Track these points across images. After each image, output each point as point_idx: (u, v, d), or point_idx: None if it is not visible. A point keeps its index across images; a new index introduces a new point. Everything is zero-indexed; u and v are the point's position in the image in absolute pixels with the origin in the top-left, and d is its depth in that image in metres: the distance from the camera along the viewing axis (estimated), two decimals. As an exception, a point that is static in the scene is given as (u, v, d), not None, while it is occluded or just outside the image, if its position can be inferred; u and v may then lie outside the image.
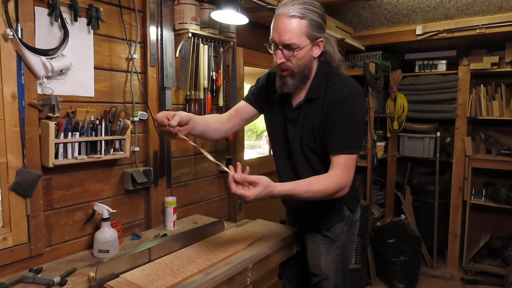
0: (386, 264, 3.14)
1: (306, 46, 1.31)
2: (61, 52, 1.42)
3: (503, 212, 3.40)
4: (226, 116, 1.59)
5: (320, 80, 1.40)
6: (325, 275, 1.56)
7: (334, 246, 1.54)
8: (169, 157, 1.92)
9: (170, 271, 1.25)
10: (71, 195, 1.54)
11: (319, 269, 1.57)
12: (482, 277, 3.25)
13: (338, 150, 1.33)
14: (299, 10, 1.27)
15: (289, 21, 1.27)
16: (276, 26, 1.30)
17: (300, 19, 1.27)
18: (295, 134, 1.45)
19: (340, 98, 1.34)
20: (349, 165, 1.34)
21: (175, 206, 1.84)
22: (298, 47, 1.30)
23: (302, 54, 1.32)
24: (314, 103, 1.40)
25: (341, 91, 1.35)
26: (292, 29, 1.27)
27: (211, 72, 2.06)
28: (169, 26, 1.88)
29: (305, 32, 1.29)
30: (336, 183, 1.30)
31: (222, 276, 1.28)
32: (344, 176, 1.32)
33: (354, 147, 1.34)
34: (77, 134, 1.47)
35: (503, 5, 2.77)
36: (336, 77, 1.40)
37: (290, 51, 1.31)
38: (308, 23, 1.29)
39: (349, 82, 1.40)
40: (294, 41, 1.29)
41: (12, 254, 1.36)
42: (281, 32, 1.28)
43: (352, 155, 1.34)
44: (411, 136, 3.61)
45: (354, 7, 3.06)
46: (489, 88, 3.32)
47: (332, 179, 1.31)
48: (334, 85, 1.37)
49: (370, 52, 3.56)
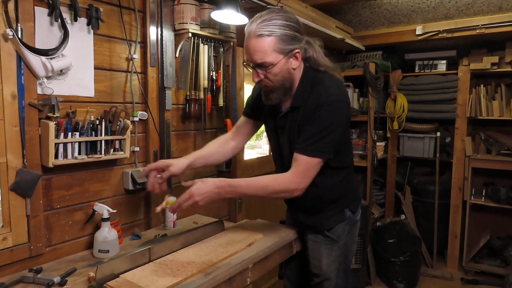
0: (386, 264, 3.14)
1: (280, 61, 1.29)
2: (61, 52, 1.42)
3: (503, 212, 3.41)
4: (230, 135, 1.64)
5: (305, 88, 1.39)
6: (326, 276, 1.56)
7: (336, 247, 1.54)
8: (169, 157, 1.92)
9: (170, 271, 1.25)
10: (71, 195, 1.54)
11: (320, 270, 1.57)
12: (482, 277, 3.25)
13: (299, 149, 1.32)
14: (266, 28, 1.25)
15: (256, 41, 1.26)
16: (246, 47, 1.30)
17: (267, 37, 1.25)
18: (284, 140, 1.47)
19: (316, 105, 1.31)
20: (307, 168, 1.31)
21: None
22: (271, 64, 1.29)
23: (277, 70, 1.31)
24: (298, 111, 1.39)
25: (320, 98, 1.32)
26: (261, 48, 1.26)
27: (211, 72, 2.06)
28: (169, 26, 1.88)
29: (276, 48, 1.27)
30: (284, 184, 1.31)
31: (222, 276, 1.27)
32: (296, 178, 1.31)
33: (316, 150, 1.30)
34: (77, 134, 1.47)
35: (503, 5, 2.78)
36: (321, 84, 1.36)
37: (263, 69, 1.30)
38: (277, 38, 1.26)
39: (331, 89, 1.34)
40: (265, 59, 1.28)
41: (12, 254, 1.36)
42: (251, 52, 1.28)
43: (312, 158, 1.30)
44: (411, 136, 3.62)
45: (354, 7, 3.06)
46: (489, 88, 3.33)
47: (282, 178, 1.32)
48: (316, 92, 1.35)
49: (370, 52, 3.56)
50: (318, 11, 2.72)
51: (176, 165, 1.44)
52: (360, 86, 3.49)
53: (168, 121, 1.89)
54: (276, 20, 1.26)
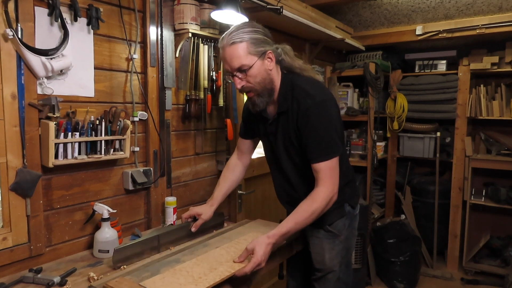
0: (386, 264, 3.14)
1: (255, 62, 1.39)
2: (61, 52, 1.42)
3: (503, 212, 3.40)
4: (235, 157, 1.79)
5: (286, 92, 1.47)
6: (329, 270, 1.60)
7: (337, 241, 1.58)
8: (169, 157, 1.92)
9: (192, 279, 1.22)
10: (71, 195, 1.54)
11: (323, 264, 1.60)
12: (482, 277, 3.25)
13: (317, 159, 1.40)
14: (236, 36, 1.37)
15: (231, 49, 1.38)
16: (223, 58, 1.41)
17: (240, 43, 1.37)
18: (278, 145, 1.55)
19: (306, 108, 1.40)
20: (331, 172, 1.40)
21: (175, 206, 1.84)
22: (248, 66, 1.38)
23: (256, 71, 1.40)
24: (286, 115, 1.48)
25: (306, 101, 1.40)
26: (236, 53, 1.37)
27: (211, 72, 2.06)
28: (169, 26, 1.88)
29: (250, 51, 1.38)
30: (324, 198, 1.39)
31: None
32: (329, 186, 1.40)
33: (330, 153, 1.40)
34: (77, 134, 1.47)
35: (503, 5, 2.78)
36: (299, 87, 1.45)
37: (243, 73, 1.40)
38: (248, 43, 1.38)
39: (312, 89, 1.43)
40: (242, 62, 1.38)
41: (12, 254, 1.36)
42: (229, 60, 1.39)
43: (330, 160, 1.40)
44: (411, 136, 3.61)
45: (354, 7, 3.06)
46: (489, 88, 3.32)
47: (319, 196, 1.39)
48: (298, 95, 1.43)
49: (370, 52, 3.56)
50: (318, 11, 2.71)
51: (206, 213, 1.65)
52: (360, 86, 3.49)
53: (168, 121, 1.89)
54: (243, 29, 1.39)
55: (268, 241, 1.34)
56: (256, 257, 1.29)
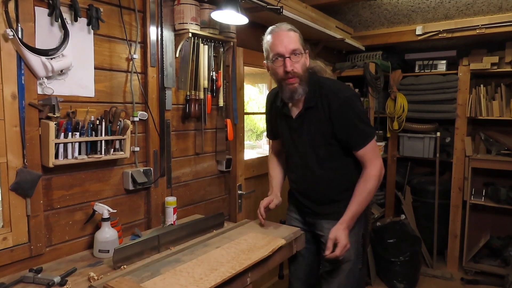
0: (386, 264, 3.14)
1: (303, 53, 1.56)
2: (61, 52, 1.42)
3: (503, 212, 3.41)
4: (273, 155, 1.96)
5: (314, 89, 1.60)
6: (346, 260, 1.67)
7: (352, 232, 1.66)
8: (169, 157, 1.92)
9: (193, 280, 1.22)
10: (71, 195, 1.54)
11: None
12: (482, 277, 3.25)
13: (359, 146, 1.58)
14: (291, 27, 1.56)
15: (288, 34, 1.53)
16: (280, 40, 1.52)
17: (294, 32, 1.55)
18: (304, 139, 1.65)
19: (339, 104, 1.55)
20: (373, 152, 1.60)
21: (175, 206, 1.84)
22: (301, 52, 1.54)
23: (303, 60, 1.56)
24: (314, 110, 1.60)
25: (337, 98, 1.56)
26: (293, 38, 1.53)
27: (211, 72, 2.06)
28: (169, 26, 1.88)
29: (300, 42, 1.56)
30: (376, 177, 1.59)
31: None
32: (377, 166, 1.60)
33: (368, 138, 1.59)
34: (77, 134, 1.47)
35: (503, 5, 2.78)
36: (327, 85, 1.61)
37: (297, 55, 1.52)
38: (300, 36, 1.57)
39: (339, 87, 1.61)
40: (298, 46, 1.53)
41: (12, 254, 1.36)
42: (286, 43, 1.51)
43: (370, 143, 1.59)
44: (411, 136, 3.62)
45: (354, 7, 3.06)
46: (489, 88, 3.33)
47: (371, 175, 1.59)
48: (328, 92, 1.58)
49: (370, 52, 3.56)
50: (318, 11, 2.71)
51: (277, 198, 1.80)
52: (360, 86, 3.48)
53: (168, 121, 1.90)
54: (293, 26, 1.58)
55: (342, 227, 1.57)
56: (341, 242, 1.55)
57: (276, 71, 1.56)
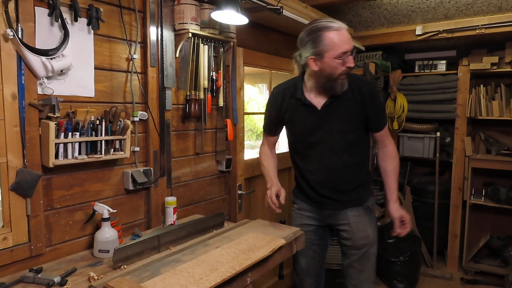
0: (386, 264, 3.14)
1: None
2: (61, 52, 1.42)
3: (503, 212, 3.41)
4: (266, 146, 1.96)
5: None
6: (372, 243, 1.84)
7: (373, 216, 1.85)
8: (169, 157, 1.92)
9: (193, 280, 1.21)
10: (71, 195, 1.54)
11: (368, 239, 1.83)
12: (482, 277, 3.25)
13: (382, 126, 1.78)
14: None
15: (348, 32, 1.60)
16: (346, 38, 1.58)
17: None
18: (333, 125, 1.72)
19: (369, 90, 1.72)
20: (388, 134, 1.81)
21: (175, 206, 1.84)
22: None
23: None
24: (341, 99, 1.69)
25: (365, 85, 1.72)
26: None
27: (211, 72, 2.06)
28: (169, 26, 1.88)
29: None
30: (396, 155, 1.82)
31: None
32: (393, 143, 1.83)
33: (385, 121, 1.81)
34: (77, 134, 1.47)
35: (503, 5, 2.78)
36: (353, 76, 1.72)
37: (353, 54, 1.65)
38: None
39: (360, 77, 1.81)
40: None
41: (12, 254, 1.36)
42: (350, 40, 1.60)
43: (385, 126, 1.81)
44: (411, 136, 3.62)
45: (354, 7, 3.05)
46: (489, 88, 3.33)
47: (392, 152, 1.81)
48: (356, 81, 1.71)
49: (370, 52, 3.56)
50: (318, 11, 2.71)
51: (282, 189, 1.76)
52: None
53: (168, 121, 1.90)
54: None
55: (397, 205, 1.77)
56: (407, 217, 1.75)
57: (335, 66, 1.58)
